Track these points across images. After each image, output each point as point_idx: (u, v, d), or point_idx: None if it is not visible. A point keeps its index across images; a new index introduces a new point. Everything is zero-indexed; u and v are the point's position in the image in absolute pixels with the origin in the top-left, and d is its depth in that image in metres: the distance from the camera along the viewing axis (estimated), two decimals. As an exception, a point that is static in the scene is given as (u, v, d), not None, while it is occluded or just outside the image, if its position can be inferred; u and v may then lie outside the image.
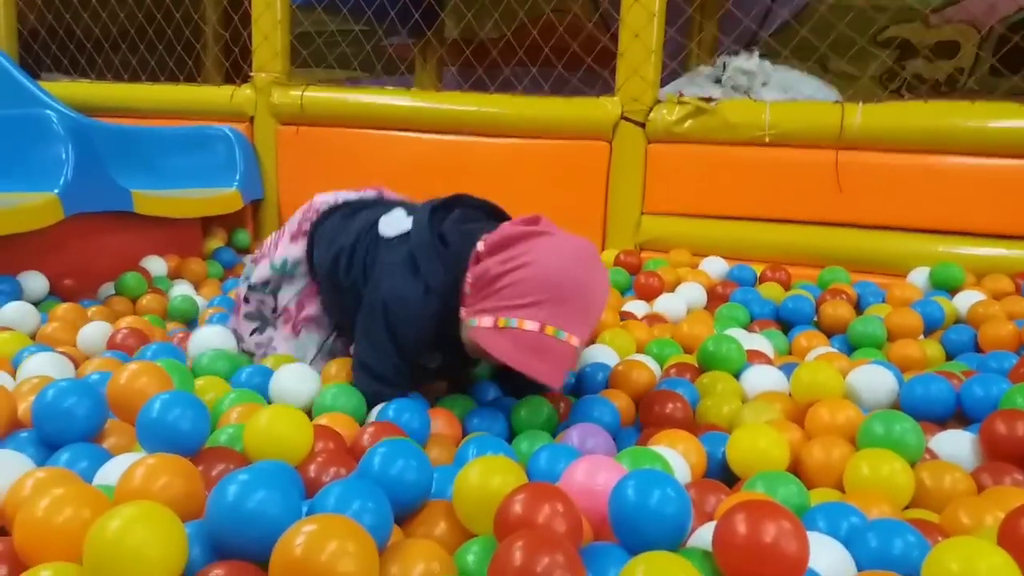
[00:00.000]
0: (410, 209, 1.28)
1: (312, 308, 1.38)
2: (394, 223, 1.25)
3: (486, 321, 1.05)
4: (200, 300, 1.97)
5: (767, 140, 2.18)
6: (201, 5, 3.82)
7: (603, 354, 1.43)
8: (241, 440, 0.94)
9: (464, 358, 1.21)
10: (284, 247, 1.39)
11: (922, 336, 1.67)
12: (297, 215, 1.42)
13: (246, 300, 1.43)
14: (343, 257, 1.27)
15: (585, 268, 1.07)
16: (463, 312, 1.11)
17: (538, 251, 1.06)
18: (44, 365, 1.21)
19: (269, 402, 1.16)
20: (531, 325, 1.01)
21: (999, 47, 3.34)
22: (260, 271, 1.41)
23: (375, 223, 1.27)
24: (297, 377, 1.17)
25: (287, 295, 1.39)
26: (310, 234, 1.37)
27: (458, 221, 1.21)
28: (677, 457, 0.96)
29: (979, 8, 3.41)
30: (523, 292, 1.03)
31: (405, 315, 1.14)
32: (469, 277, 1.10)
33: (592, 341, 1.50)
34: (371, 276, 1.21)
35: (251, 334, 1.42)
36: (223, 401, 1.11)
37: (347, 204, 1.40)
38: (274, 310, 1.41)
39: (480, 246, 1.11)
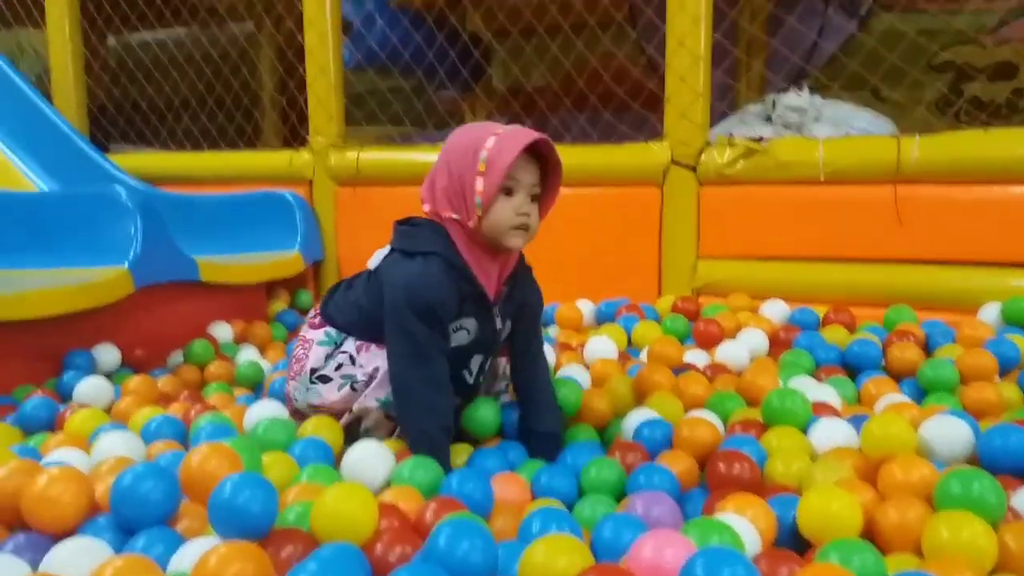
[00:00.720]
0: None
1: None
2: (377, 256, 1.39)
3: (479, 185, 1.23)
4: (266, 364, 2.01)
5: (822, 178, 2.16)
6: (257, 72, 3.97)
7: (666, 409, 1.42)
8: (308, 519, 0.95)
9: (492, 324, 1.34)
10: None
11: (998, 378, 1.61)
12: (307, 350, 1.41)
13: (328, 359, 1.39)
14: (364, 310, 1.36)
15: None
16: (474, 221, 1.26)
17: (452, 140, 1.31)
18: (118, 444, 1.25)
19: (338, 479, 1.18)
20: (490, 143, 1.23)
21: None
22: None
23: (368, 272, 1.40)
24: (369, 455, 1.18)
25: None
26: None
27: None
28: (746, 525, 0.94)
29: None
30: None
31: (419, 284, 1.25)
32: (449, 208, 1.28)
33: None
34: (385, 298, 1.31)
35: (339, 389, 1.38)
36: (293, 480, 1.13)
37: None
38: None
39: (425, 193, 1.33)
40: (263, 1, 3.24)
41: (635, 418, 1.40)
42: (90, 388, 1.68)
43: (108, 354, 1.93)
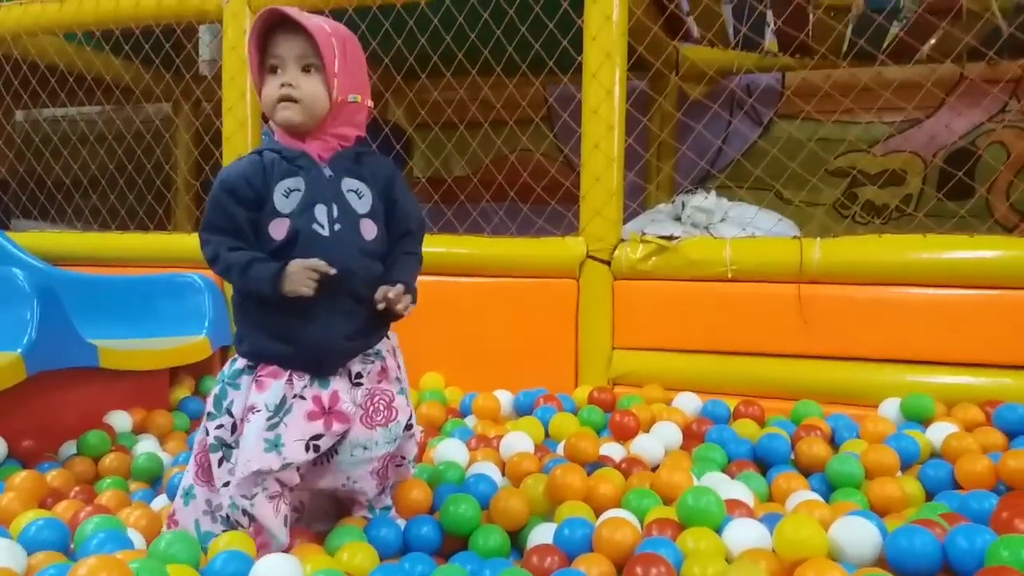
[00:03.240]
0: None
1: (251, 396, 1.34)
2: None
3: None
4: (165, 457, 1.91)
5: (729, 275, 2.23)
6: (172, 155, 3.91)
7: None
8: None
9: (322, 173, 1.36)
10: (222, 370, 1.41)
11: (899, 472, 1.66)
12: None
13: (206, 432, 1.37)
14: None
15: None
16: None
17: None
18: (-3, 553, 1.15)
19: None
20: None
21: (942, 175, 3.50)
22: (208, 400, 1.39)
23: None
24: (277, 568, 1.12)
25: (239, 404, 1.35)
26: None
27: None
28: (664, 636, 0.92)
29: (921, 139, 3.60)
30: None
31: (226, 171, 1.34)
32: None
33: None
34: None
35: (219, 465, 1.34)
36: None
37: None
38: (233, 427, 1.36)
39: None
40: (182, 85, 3.22)
41: (550, 522, 1.38)
42: (-31, 485, 1.56)
43: (-8, 446, 1.80)
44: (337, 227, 1.35)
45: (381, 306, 1.36)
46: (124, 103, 3.53)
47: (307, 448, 1.32)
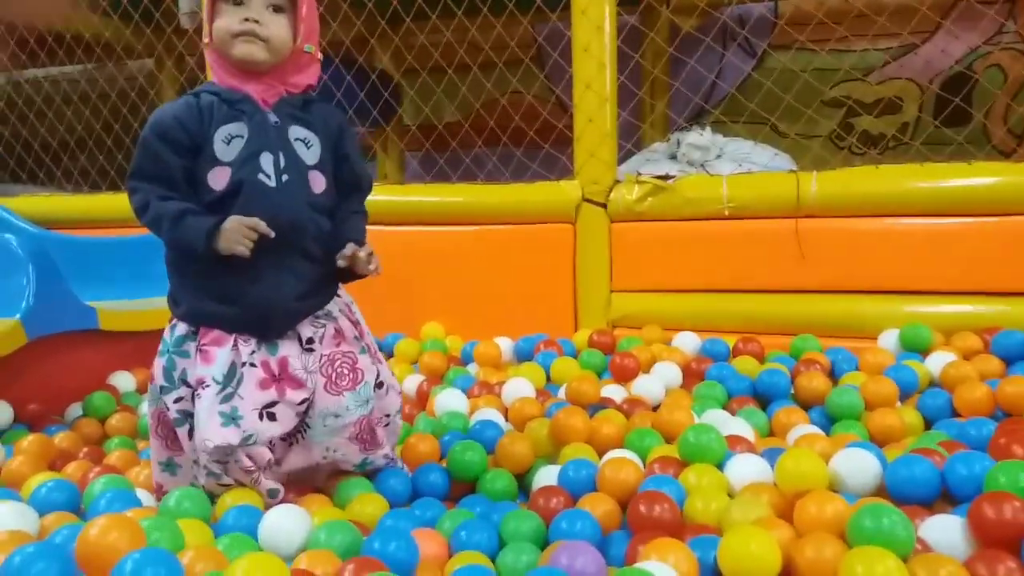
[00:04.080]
0: None
1: (198, 368, 1.27)
2: None
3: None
4: (171, 415, 1.93)
5: (727, 213, 2.22)
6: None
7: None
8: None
9: (266, 119, 1.28)
10: (163, 338, 1.33)
11: (899, 403, 1.67)
12: None
13: (166, 406, 1.29)
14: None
15: None
16: (209, 38, 1.28)
17: None
18: (7, 516, 1.16)
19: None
20: None
21: (939, 102, 3.46)
22: (157, 371, 1.30)
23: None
24: (284, 520, 1.14)
25: (192, 371, 1.27)
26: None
27: None
28: (669, 572, 0.94)
29: (917, 65, 3.55)
30: None
31: (156, 115, 1.26)
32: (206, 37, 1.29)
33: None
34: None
35: (190, 438, 1.28)
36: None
37: None
38: (193, 397, 1.28)
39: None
40: (163, 40, 3.15)
41: (555, 464, 1.40)
42: (-24, 451, 1.58)
43: (-2, 412, 1.81)
44: (284, 178, 1.27)
45: (342, 263, 1.29)
46: (106, 61, 3.47)
47: (261, 417, 1.24)
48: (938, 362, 1.80)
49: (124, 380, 2.16)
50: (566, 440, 1.51)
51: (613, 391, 1.85)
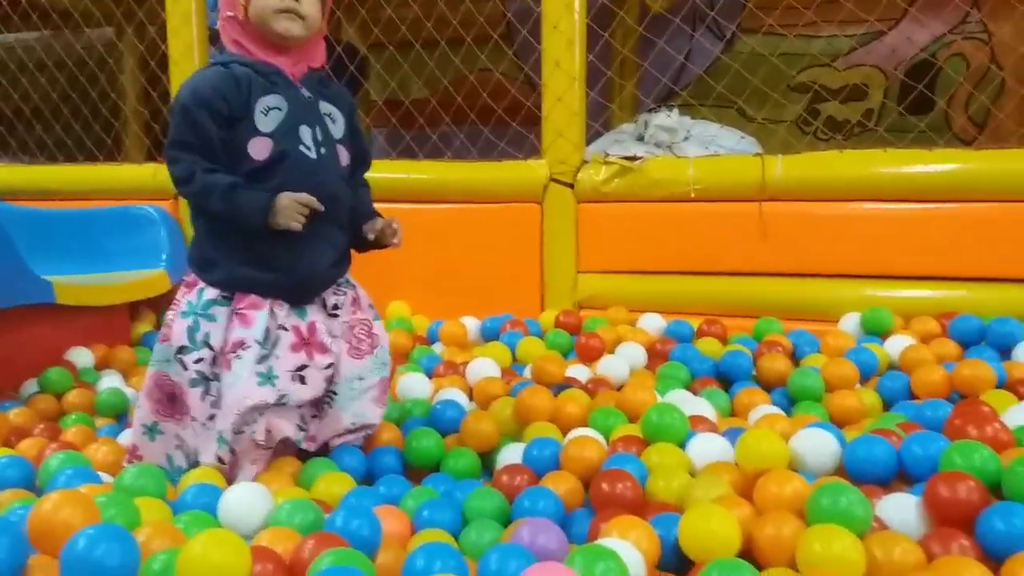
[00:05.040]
0: None
1: (236, 331, 1.31)
2: None
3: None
4: (130, 391, 1.90)
5: (693, 195, 2.23)
6: (118, 82, 3.75)
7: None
8: (174, 570, 0.89)
9: (300, 94, 1.34)
10: (184, 300, 1.34)
11: (858, 384, 1.70)
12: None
13: (183, 366, 1.31)
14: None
15: None
16: (241, 11, 1.29)
17: None
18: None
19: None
20: None
21: (903, 89, 3.50)
22: (177, 332, 1.31)
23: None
24: (247, 497, 1.12)
25: (217, 336, 1.31)
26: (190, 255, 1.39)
27: None
28: (630, 549, 0.95)
29: (882, 52, 3.58)
30: None
31: (194, 81, 1.28)
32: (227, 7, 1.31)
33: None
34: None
35: (202, 399, 1.31)
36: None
37: None
38: (213, 360, 1.31)
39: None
40: (123, 7, 3.07)
41: (519, 443, 1.40)
42: (-74, 427, 1.53)
43: (-51, 387, 1.76)
44: (322, 151, 1.34)
45: (372, 236, 1.39)
46: (63, 27, 3.36)
47: (293, 379, 1.31)
48: (897, 345, 1.83)
49: (82, 356, 2.12)
50: (530, 419, 1.51)
51: (578, 371, 1.86)
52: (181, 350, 1.31)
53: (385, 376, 1.47)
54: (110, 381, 1.99)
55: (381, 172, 2.48)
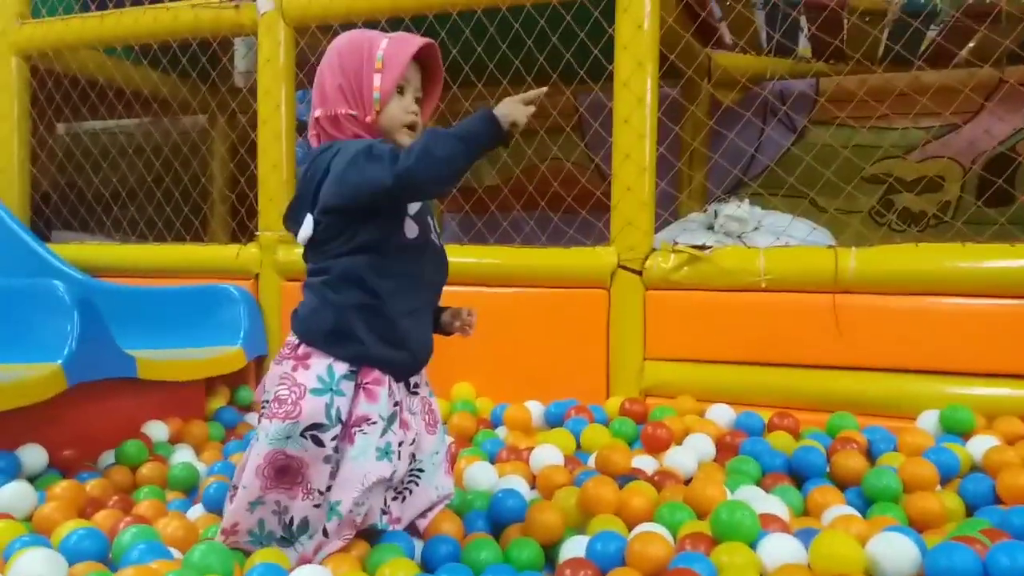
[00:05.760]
0: None
1: (361, 406, 1.33)
2: (305, 227, 1.37)
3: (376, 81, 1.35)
4: (201, 466, 1.94)
5: (763, 285, 2.21)
6: (208, 167, 3.97)
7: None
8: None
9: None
10: (311, 376, 1.32)
11: (938, 487, 1.63)
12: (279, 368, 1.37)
13: (317, 443, 1.29)
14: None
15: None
16: (372, 116, 1.36)
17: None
18: (36, 564, 1.17)
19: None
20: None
21: (981, 182, 3.44)
22: (310, 410, 1.29)
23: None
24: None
25: (344, 410, 1.32)
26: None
27: None
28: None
29: (959, 145, 3.54)
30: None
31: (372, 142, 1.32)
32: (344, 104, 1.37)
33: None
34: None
35: (331, 476, 1.31)
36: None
37: None
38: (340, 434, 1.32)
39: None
40: (217, 98, 3.27)
41: (583, 535, 1.38)
42: (11, 493, 1.59)
43: (33, 455, 1.83)
44: (439, 239, 1.47)
45: (457, 324, 1.50)
46: (161, 115, 3.60)
47: (398, 456, 1.36)
48: (980, 446, 1.75)
49: (157, 429, 2.18)
50: (594, 511, 1.49)
51: (644, 462, 1.83)
52: (315, 427, 1.29)
53: (447, 449, 1.54)
54: (183, 455, 2.05)
55: (453, 256, 2.51)
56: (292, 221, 1.42)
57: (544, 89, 1.32)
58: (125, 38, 3.04)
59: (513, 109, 1.25)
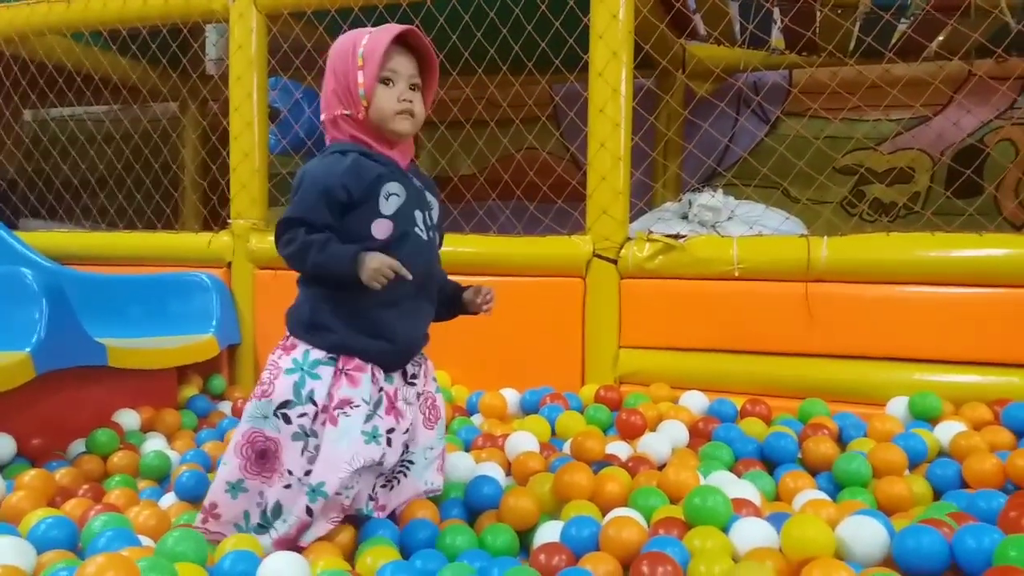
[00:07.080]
0: None
1: (343, 389, 1.37)
2: None
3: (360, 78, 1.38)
4: (173, 455, 1.92)
5: (736, 274, 2.23)
6: (179, 154, 3.92)
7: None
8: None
9: (412, 183, 1.43)
10: (288, 359, 1.39)
11: (907, 471, 1.66)
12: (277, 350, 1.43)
13: (286, 420, 1.35)
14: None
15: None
16: (361, 111, 1.38)
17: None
18: (3, 552, 1.15)
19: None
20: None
21: (950, 173, 3.49)
22: (281, 388, 1.36)
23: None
24: (284, 567, 1.12)
25: (321, 393, 1.37)
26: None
27: None
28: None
29: (929, 136, 3.59)
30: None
31: (328, 163, 1.37)
32: (340, 105, 1.41)
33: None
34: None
35: (301, 453, 1.35)
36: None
37: None
38: (315, 416, 1.36)
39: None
40: (188, 85, 3.23)
41: (557, 520, 1.38)
42: (-24, 485, 1.57)
43: (1, 445, 1.81)
44: (430, 233, 1.47)
45: (480, 302, 1.53)
46: (131, 102, 3.54)
47: (388, 442, 1.39)
48: (948, 431, 1.78)
49: (129, 418, 2.16)
50: (569, 496, 1.49)
51: (619, 448, 1.84)
52: (284, 404, 1.36)
53: (444, 445, 1.57)
54: (154, 444, 2.03)
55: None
56: None
57: (407, 275, 1.34)
58: (93, 24, 2.99)
59: (376, 267, 1.31)
